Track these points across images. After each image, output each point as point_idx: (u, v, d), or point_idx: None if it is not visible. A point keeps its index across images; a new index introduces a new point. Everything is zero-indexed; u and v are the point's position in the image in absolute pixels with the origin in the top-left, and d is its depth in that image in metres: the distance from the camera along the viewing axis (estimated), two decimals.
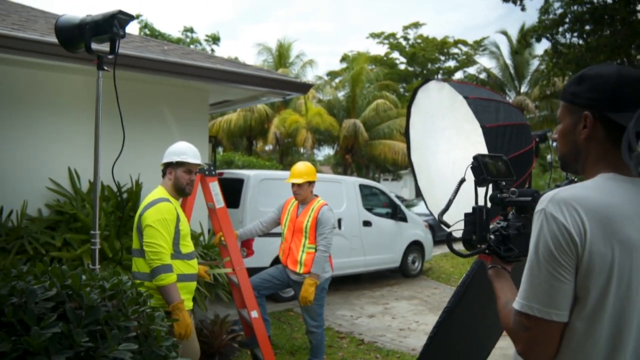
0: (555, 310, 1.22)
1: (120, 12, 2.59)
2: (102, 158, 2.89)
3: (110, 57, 2.72)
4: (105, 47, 2.80)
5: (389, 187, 24.15)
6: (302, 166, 4.67)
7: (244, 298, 4.32)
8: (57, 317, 1.46)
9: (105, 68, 2.78)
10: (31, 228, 4.62)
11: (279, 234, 4.96)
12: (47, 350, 1.35)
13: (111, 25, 2.59)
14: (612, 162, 1.31)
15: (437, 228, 13.36)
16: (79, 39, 2.70)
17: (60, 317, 1.48)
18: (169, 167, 3.47)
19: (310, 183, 4.62)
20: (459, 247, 1.77)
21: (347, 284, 9.23)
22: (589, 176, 1.36)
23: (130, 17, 2.64)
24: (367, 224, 8.93)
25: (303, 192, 4.60)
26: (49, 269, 1.69)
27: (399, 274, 10.00)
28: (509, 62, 30.78)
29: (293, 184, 4.59)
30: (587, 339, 1.22)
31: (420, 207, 14.54)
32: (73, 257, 4.36)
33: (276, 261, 6.23)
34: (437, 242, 12.80)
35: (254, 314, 4.33)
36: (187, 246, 3.41)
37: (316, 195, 4.72)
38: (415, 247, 10.04)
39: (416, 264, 10.14)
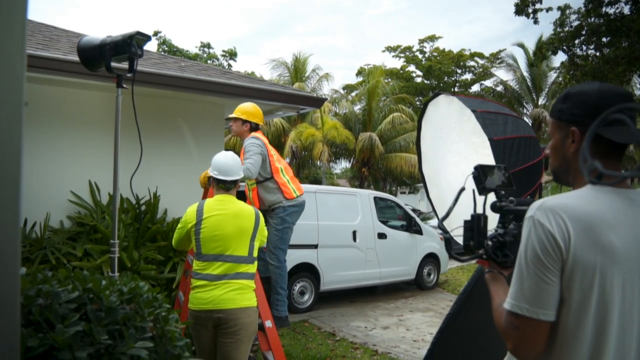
0: (543, 310, 1.29)
1: (138, 33, 2.74)
2: (121, 171, 3.02)
3: (129, 75, 2.87)
4: (124, 65, 2.95)
5: (406, 200, 24.12)
6: (244, 105, 4.76)
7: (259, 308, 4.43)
8: (79, 317, 1.57)
9: (124, 86, 2.93)
10: (53, 239, 4.79)
11: (295, 246, 5.07)
12: (71, 347, 1.46)
13: (129, 45, 2.74)
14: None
15: (454, 240, 13.28)
16: (99, 59, 2.85)
17: (82, 317, 1.60)
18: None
19: (245, 122, 4.66)
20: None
21: (362, 296, 9.28)
22: (578, 187, 1.42)
23: (147, 38, 2.79)
24: (382, 236, 8.97)
25: (235, 128, 4.70)
26: (71, 274, 1.81)
27: (415, 287, 10.01)
28: (526, 74, 30.57)
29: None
30: (573, 338, 1.29)
31: (437, 220, 14.50)
32: (93, 266, 4.51)
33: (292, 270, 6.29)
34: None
35: (268, 323, 4.42)
36: None
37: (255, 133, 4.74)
38: (431, 259, 10.03)
39: (432, 276, 10.13)
